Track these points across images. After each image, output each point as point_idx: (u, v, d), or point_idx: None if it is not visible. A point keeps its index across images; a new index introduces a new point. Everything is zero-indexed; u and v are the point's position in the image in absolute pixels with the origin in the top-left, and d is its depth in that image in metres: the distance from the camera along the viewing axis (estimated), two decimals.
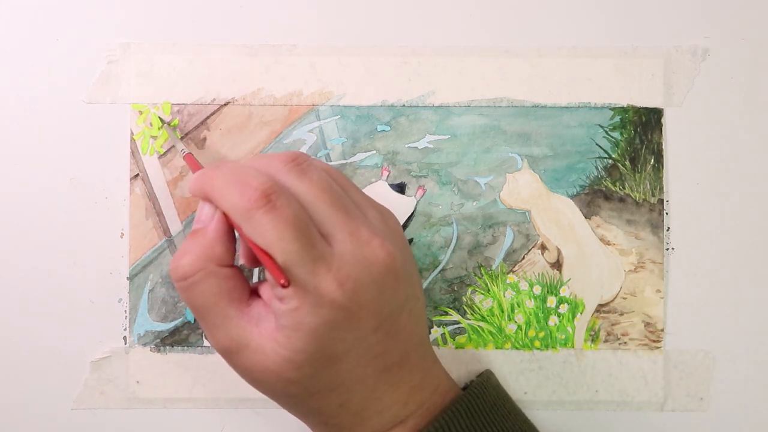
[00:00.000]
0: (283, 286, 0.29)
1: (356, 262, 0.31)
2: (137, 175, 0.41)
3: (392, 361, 0.33)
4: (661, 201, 0.41)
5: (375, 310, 0.32)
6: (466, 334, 0.41)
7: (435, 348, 0.41)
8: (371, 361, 0.32)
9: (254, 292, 0.33)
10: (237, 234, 0.33)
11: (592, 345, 0.41)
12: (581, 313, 0.41)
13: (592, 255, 0.41)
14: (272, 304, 0.32)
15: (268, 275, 0.32)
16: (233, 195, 0.31)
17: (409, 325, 0.34)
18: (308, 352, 0.31)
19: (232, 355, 0.33)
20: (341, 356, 0.32)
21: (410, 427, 0.34)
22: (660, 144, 0.41)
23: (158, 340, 0.40)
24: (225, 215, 0.33)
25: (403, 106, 0.41)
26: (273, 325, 0.31)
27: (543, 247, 0.41)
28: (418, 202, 0.41)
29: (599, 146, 0.41)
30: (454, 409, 0.34)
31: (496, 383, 0.38)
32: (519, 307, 0.41)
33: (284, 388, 0.32)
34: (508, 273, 0.41)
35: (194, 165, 0.36)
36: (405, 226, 0.41)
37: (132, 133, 0.41)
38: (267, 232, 0.30)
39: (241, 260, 0.34)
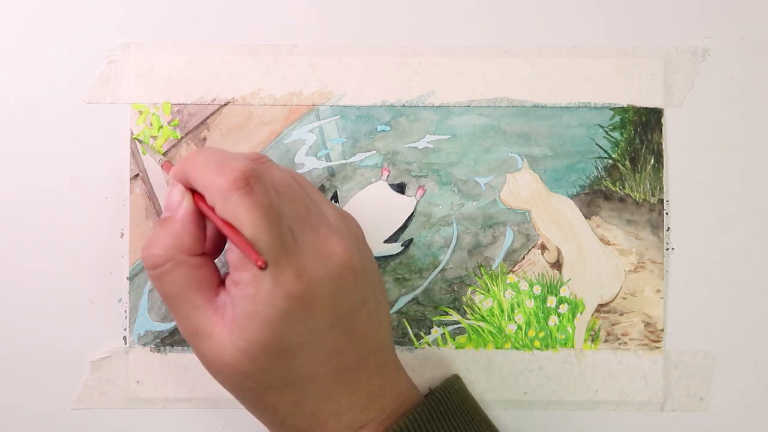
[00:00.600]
0: (261, 268, 0.30)
1: (314, 255, 0.32)
2: (137, 175, 0.41)
3: (348, 362, 0.33)
4: (661, 201, 0.41)
5: (331, 305, 0.32)
6: (466, 334, 0.41)
7: (435, 348, 0.41)
8: (326, 359, 0.32)
9: (223, 282, 0.33)
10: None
11: (592, 345, 0.41)
12: (581, 313, 0.41)
13: (592, 255, 0.41)
14: (230, 289, 0.32)
15: (232, 261, 0.32)
16: (212, 174, 0.32)
17: (368, 327, 0.34)
18: (262, 343, 0.31)
19: (195, 344, 0.33)
20: (295, 350, 0.32)
21: None
22: (660, 144, 0.41)
23: (158, 340, 0.40)
24: (194, 200, 0.33)
25: (403, 106, 0.41)
26: (231, 315, 0.32)
27: (543, 247, 0.41)
28: (418, 202, 0.41)
29: (599, 146, 0.41)
30: (415, 414, 0.34)
31: (461, 388, 0.38)
32: (519, 307, 0.41)
33: (240, 381, 0.32)
34: (508, 273, 0.41)
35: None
36: (405, 226, 0.41)
37: (132, 133, 0.41)
38: (241, 215, 0.31)
39: (208, 244, 0.34)
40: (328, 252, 0.32)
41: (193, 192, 0.33)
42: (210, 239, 0.34)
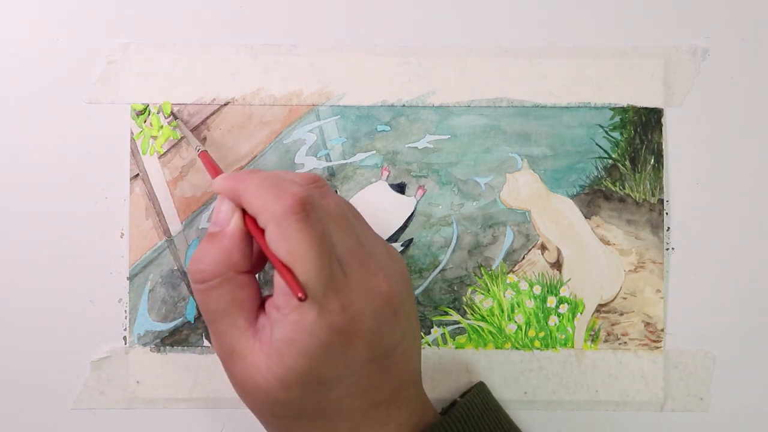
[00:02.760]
0: (300, 300, 0.29)
1: (361, 290, 0.31)
2: (137, 175, 0.41)
3: (382, 397, 0.33)
4: (661, 201, 0.41)
5: (371, 341, 0.31)
6: (466, 334, 0.41)
7: (435, 348, 0.41)
8: (360, 393, 0.32)
9: (262, 304, 0.33)
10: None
11: (592, 345, 0.41)
12: (581, 313, 0.41)
13: (592, 255, 0.41)
14: (270, 312, 0.31)
15: (278, 284, 0.31)
16: (268, 197, 0.31)
17: (402, 363, 0.33)
18: (299, 373, 0.31)
19: (229, 363, 0.33)
20: (331, 383, 0.31)
21: None
22: (660, 144, 0.41)
23: (158, 340, 0.40)
24: (245, 218, 0.33)
25: (403, 106, 0.41)
26: (269, 338, 0.31)
27: (543, 247, 0.41)
28: (418, 202, 0.41)
29: (599, 146, 0.41)
30: None
31: (481, 403, 0.38)
32: (519, 307, 0.41)
33: (271, 408, 0.32)
34: (508, 273, 0.41)
35: (210, 165, 0.37)
36: (405, 226, 0.41)
37: (132, 133, 0.41)
38: (294, 241, 0.30)
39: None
40: (374, 288, 0.32)
41: (242, 209, 0.33)
42: (255, 256, 0.34)
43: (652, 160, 0.41)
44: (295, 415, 0.32)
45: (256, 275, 0.35)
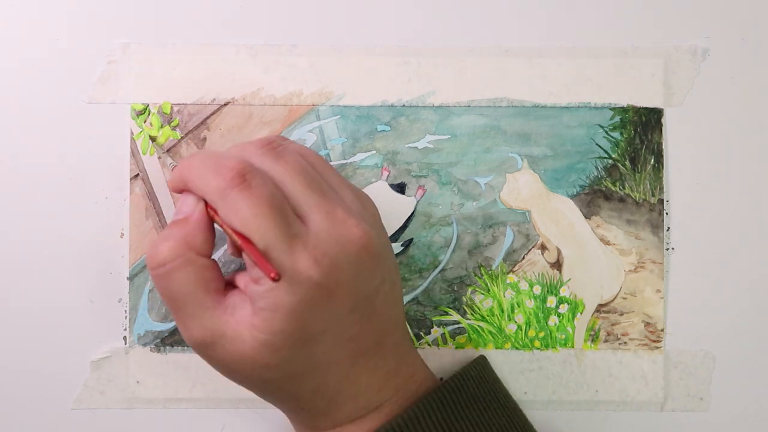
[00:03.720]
0: (274, 280, 0.29)
1: (332, 240, 0.31)
2: (137, 175, 0.41)
3: (367, 344, 0.33)
4: (661, 201, 0.41)
5: (351, 289, 0.32)
6: (466, 334, 0.41)
7: (435, 348, 0.41)
8: (346, 342, 0.33)
9: (229, 284, 0.33)
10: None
11: (592, 345, 0.41)
12: (581, 313, 0.41)
13: (592, 255, 0.41)
14: (248, 288, 0.32)
15: (248, 263, 0.32)
16: (209, 176, 0.32)
17: (385, 309, 0.34)
18: (286, 333, 0.31)
19: (207, 347, 0.32)
20: (318, 337, 0.32)
21: (385, 413, 0.34)
22: (660, 144, 0.41)
23: (158, 340, 0.40)
24: (206, 206, 0.33)
25: (403, 106, 0.41)
26: (250, 311, 0.31)
27: (543, 247, 0.41)
28: (418, 202, 0.41)
29: (599, 146, 0.41)
30: (430, 400, 0.34)
31: (478, 375, 0.38)
32: (519, 307, 0.41)
33: (261, 374, 0.32)
34: (508, 273, 0.41)
35: None
36: (405, 226, 0.41)
37: (132, 133, 0.41)
38: (242, 211, 0.30)
39: (229, 249, 0.34)
40: (346, 236, 0.32)
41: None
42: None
43: (652, 160, 0.41)
44: (286, 374, 0.32)
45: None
